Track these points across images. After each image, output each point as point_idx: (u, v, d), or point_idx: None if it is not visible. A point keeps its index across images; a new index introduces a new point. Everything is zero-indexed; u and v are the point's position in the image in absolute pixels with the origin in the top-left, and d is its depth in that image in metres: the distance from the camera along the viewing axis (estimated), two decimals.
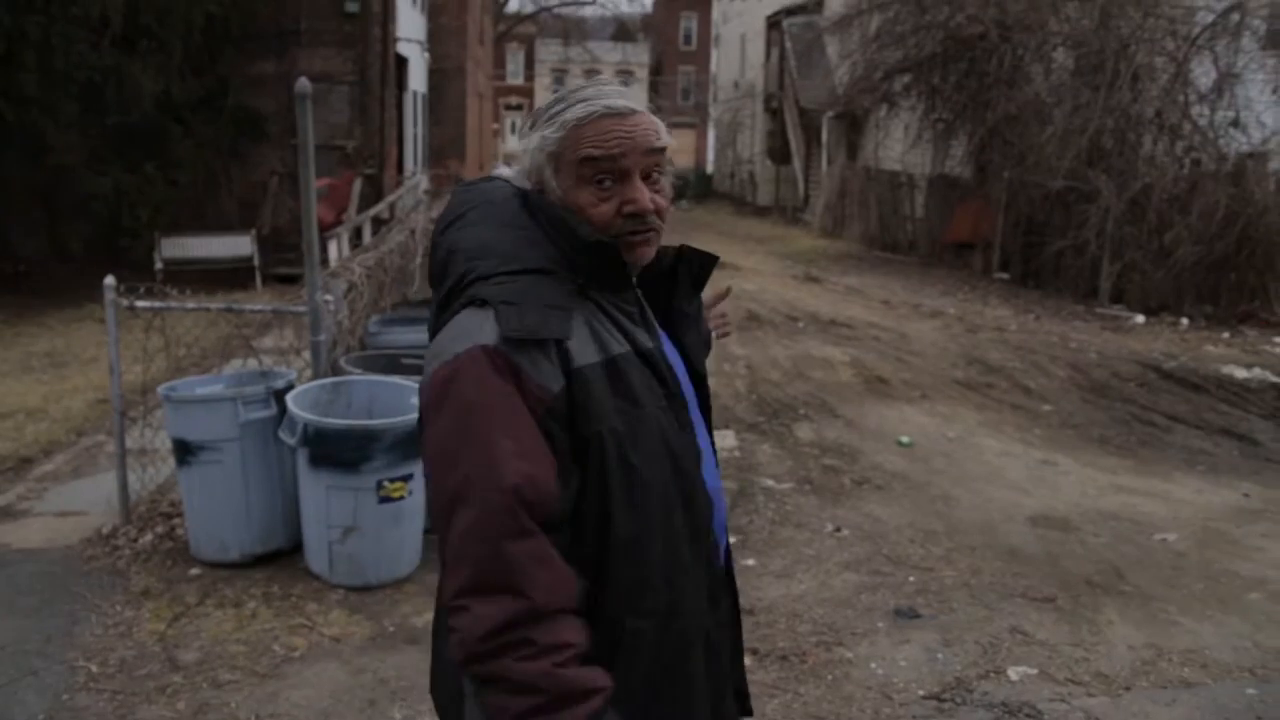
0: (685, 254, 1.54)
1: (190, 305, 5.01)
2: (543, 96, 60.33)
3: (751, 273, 16.31)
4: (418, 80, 19.62)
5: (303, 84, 4.07)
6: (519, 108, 53.63)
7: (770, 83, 30.85)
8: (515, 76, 53.37)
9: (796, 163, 28.51)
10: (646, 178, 1.40)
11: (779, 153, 29.81)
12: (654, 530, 1.33)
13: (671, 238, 1.53)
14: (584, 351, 1.32)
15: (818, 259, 18.42)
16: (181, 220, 13.47)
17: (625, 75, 53.80)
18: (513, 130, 53.15)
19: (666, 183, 1.43)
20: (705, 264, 1.56)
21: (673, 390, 1.40)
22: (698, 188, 38.85)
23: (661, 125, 1.42)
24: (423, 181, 17.21)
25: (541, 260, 1.35)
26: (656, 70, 54.01)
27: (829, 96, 22.59)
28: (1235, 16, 13.81)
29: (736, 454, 6.41)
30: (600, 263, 1.36)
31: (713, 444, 1.53)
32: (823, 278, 15.74)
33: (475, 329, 1.29)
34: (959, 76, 16.66)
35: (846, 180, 22.58)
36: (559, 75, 53.54)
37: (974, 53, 16.07)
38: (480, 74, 26.23)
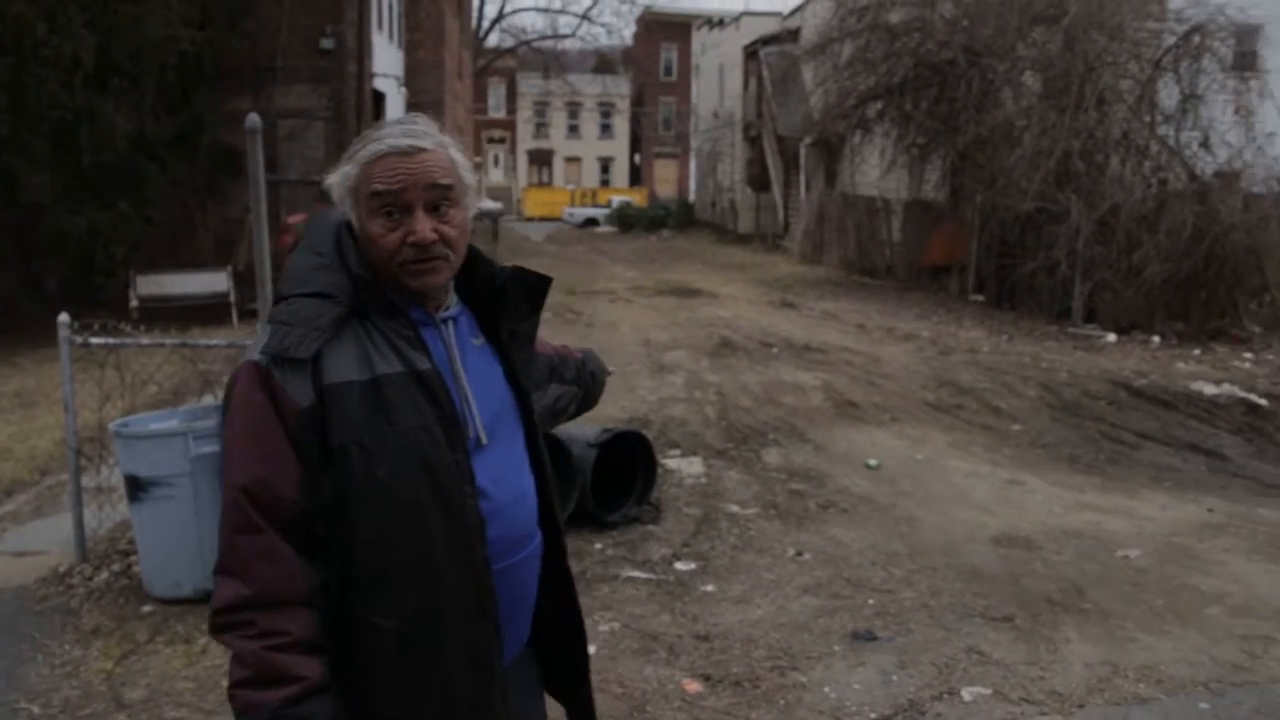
0: (517, 275, 1.65)
1: (145, 341, 4.99)
2: (524, 129, 60.19)
3: (728, 300, 16.34)
4: (395, 115, 19.71)
5: (252, 119, 4.10)
6: (501, 141, 53.91)
7: (749, 111, 31.12)
8: (497, 110, 53.64)
9: (776, 190, 28.70)
10: (434, 210, 1.51)
11: (758, 180, 30.02)
12: (398, 538, 1.43)
13: (650, 267, 1.57)
14: (343, 370, 1.45)
15: (795, 285, 18.47)
16: (157, 258, 13.45)
17: (606, 107, 54.19)
18: (495, 163, 53.40)
19: (459, 214, 1.54)
20: (539, 285, 1.67)
21: (446, 410, 1.49)
22: (680, 217, 39.03)
23: (457, 162, 1.54)
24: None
25: (326, 285, 1.49)
26: (638, 101, 54.41)
27: (805, 124, 22.80)
28: (1196, 39, 14.03)
29: (703, 481, 6.37)
30: (369, 293, 1.50)
31: (537, 456, 1.63)
32: (799, 303, 15.77)
33: (256, 344, 1.47)
34: (930, 102, 16.85)
35: (824, 206, 22.73)
36: (540, 108, 53.91)
37: (944, 78, 16.27)
38: (459, 108, 26.35)
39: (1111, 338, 12.41)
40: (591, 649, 4.06)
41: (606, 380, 2.15)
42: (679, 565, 4.96)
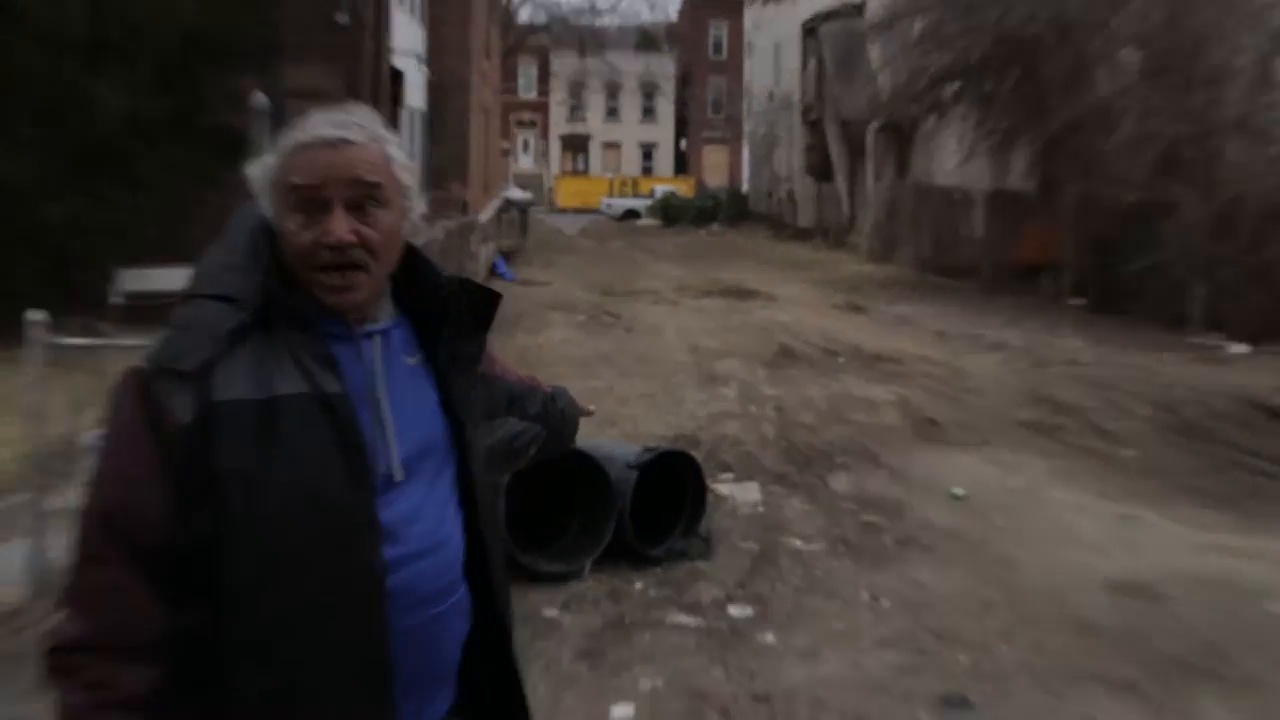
0: (462, 287, 1.63)
1: (127, 342, 4.81)
2: (558, 112, 60.97)
3: (787, 302, 16.19)
4: (415, 96, 19.78)
5: (259, 99, 3.89)
6: (532, 124, 54.28)
7: (808, 92, 30.88)
8: (527, 91, 54.01)
9: (840, 180, 28.41)
10: (358, 209, 1.49)
11: (820, 169, 29.77)
12: (275, 588, 1.38)
13: (698, 265, 1.34)
14: (235, 386, 1.41)
15: (863, 286, 18.30)
16: (147, 251, 13.48)
17: (649, 88, 54.32)
18: (525, 149, 53.76)
19: (387, 217, 1.51)
20: (487, 301, 1.66)
21: (351, 439, 1.45)
22: (731, 209, 38.97)
23: (394, 159, 1.53)
24: (419, 206, 17.43)
25: (231, 288, 1.47)
26: (684, 82, 54.47)
27: (872, 106, 22.50)
28: None
29: (760, 510, 6.19)
30: (276, 300, 1.47)
31: (470, 497, 1.59)
32: (868, 307, 15.64)
33: (147, 350, 1.45)
34: (1014, 82, 16.46)
35: (895, 198, 22.41)
36: (576, 89, 54.15)
37: (1029, 55, 15.87)
38: (486, 89, 26.40)
39: (1241, 348, 11.93)
40: (629, 710, 3.81)
41: (580, 422, 2.11)
42: (733, 610, 4.75)
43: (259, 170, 1.53)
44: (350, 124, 1.50)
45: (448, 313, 1.60)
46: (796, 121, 32.74)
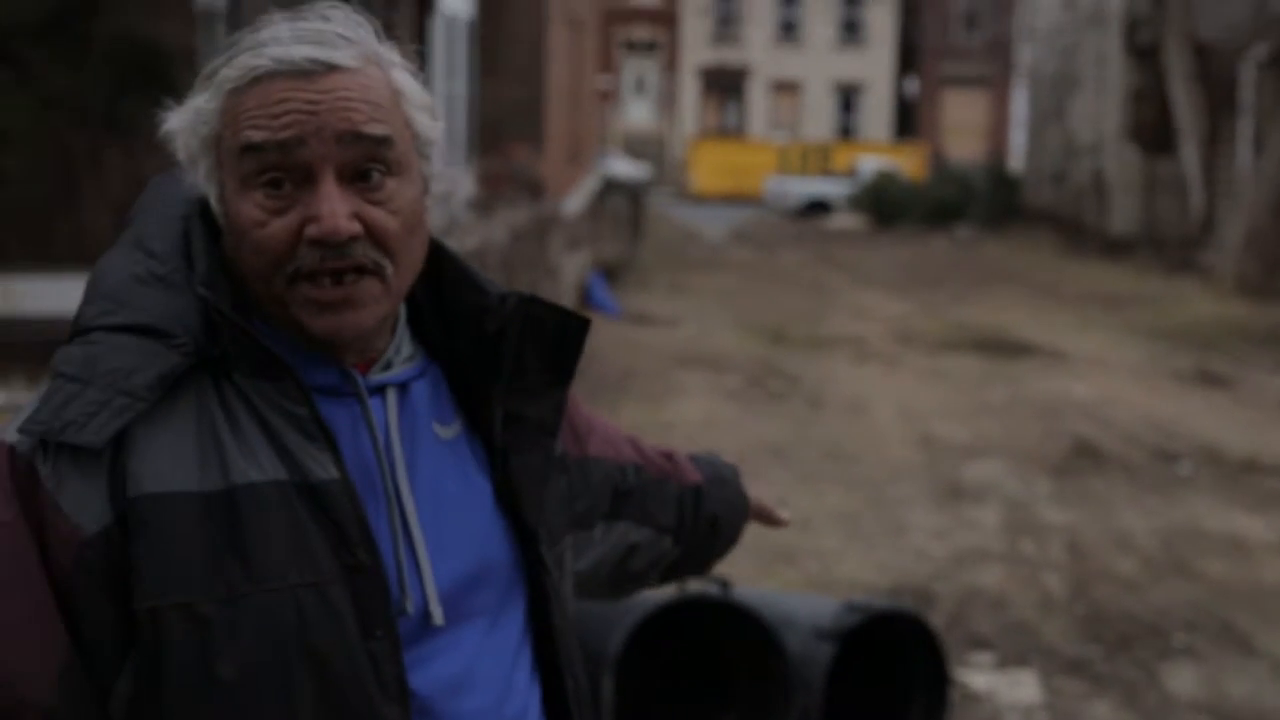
0: (531, 309, 1.68)
1: None
2: (695, 27, 61.43)
3: (1087, 366, 16.16)
4: None
5: None
6: (650, 48, 55.19)
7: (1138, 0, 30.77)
8: None
9: (1189, 151, 28.14)
10: (359, 179, 1.54)
11: (1152, 133, 29.53)
12: None
13: (932, 297, 1.56)
14: (170, 470, 1.47)
15: (1226, 340, 18.09)
16: (10, 245, 13.94)
17: None
18: (639, 90, 54.54)
19: (406, 191, 1.57)
20: (567, 332, 1.70)
21: (360, 557, 1.51)
22: (992, 202, 38.76)
23: (405, 94, 1.59)
24: (461, 184, 17.72)
25: (156, 312, 1.51)
26: None
27: (1256, 22, 22.36)
28: None
29: (1041, 716, 6.28)
30: (230, 333, 1.51)
31: (548, 648, 1.68)
32: (1235, 377, 15.49)
33: (21, 413, 1.50)
34: None
35: None
36: None
37: None
38: None
39: None
40: None
41: (745, 527, 2.25)
42: None
43: (185, 120, 1.58)
44: (332, 35, 1.54)
45: (503, 353, 1.66)
46: (1114, 49, 32.59)
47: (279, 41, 1.52)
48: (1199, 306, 21.41)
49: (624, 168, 35.44)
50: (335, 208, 1.49)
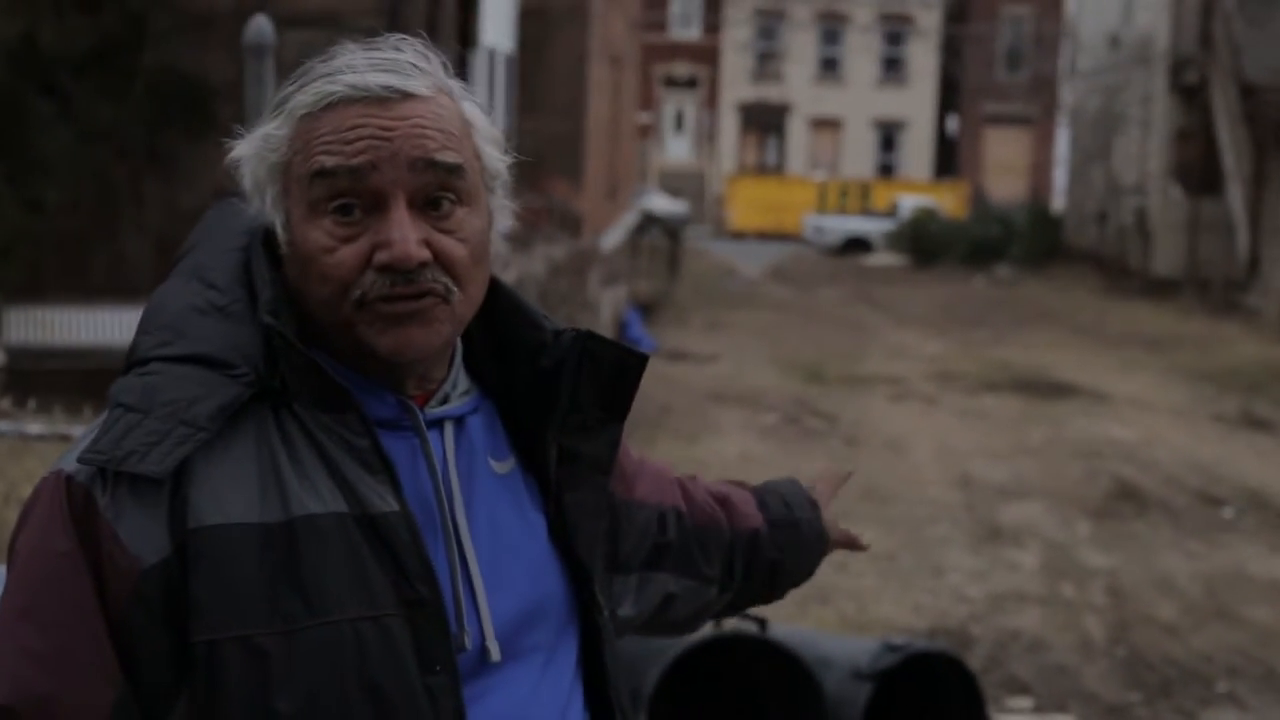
0: (588, 345, 1.69)
1: (30, 429, 5.28)
2: (735, 63, 61.06)
3: (1130, 408, 16.15)
4: (497, 29, 20.33)
5: (259, 27, 4.32)
6: (690, 85, 55.35)
7: (1183, 37, 30.74)
8: (686, 26, 55.22)
9: (1235, 193, 28.08)
10: (433, 207, 1.56)
11: (1198, 173, 29.50)
12: None
13: (971, 336, 1.55)
14: (231, 502, 1.47)
15: (1271, 384, 18.08)
16: (49, 275, 13.96)
17: (896, 25, 54.78)
18: (678, 126, 54.69)
19: (473, 221, 1.59)
20: (624, 368, 1.71)
21: (421, 591, 1.52)
22: (1034, 241, 38.66)
23: (475, 126, 1.62)
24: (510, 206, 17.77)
25: (217, 343, 1.52)
26: (957, 15, 54.81)
27: None
28: None
29: None
30: (293, 363, 1.53)
31: (601, 692, 1.70)
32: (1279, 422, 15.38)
33: (78, 443, 1.51)
34: None
35: None
36: (768, 23, 55.03)
37: None
38: (617, 18, 27.16)
39: None
40: None
41: (820, 562, 2.24)
42: None
43: (253, 147, 1.59)
44: (406, 64, 1.56)
45: (560, 389, 1.67)
46: (1159, 88, 32.56)
47: (354, 69, 1.53)
48: (1243, 349, 21.41)
49: (662, 203, 35.58)
50: (406, 234, 1.51)
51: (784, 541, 2.11)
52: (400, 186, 1.52)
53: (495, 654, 1.55)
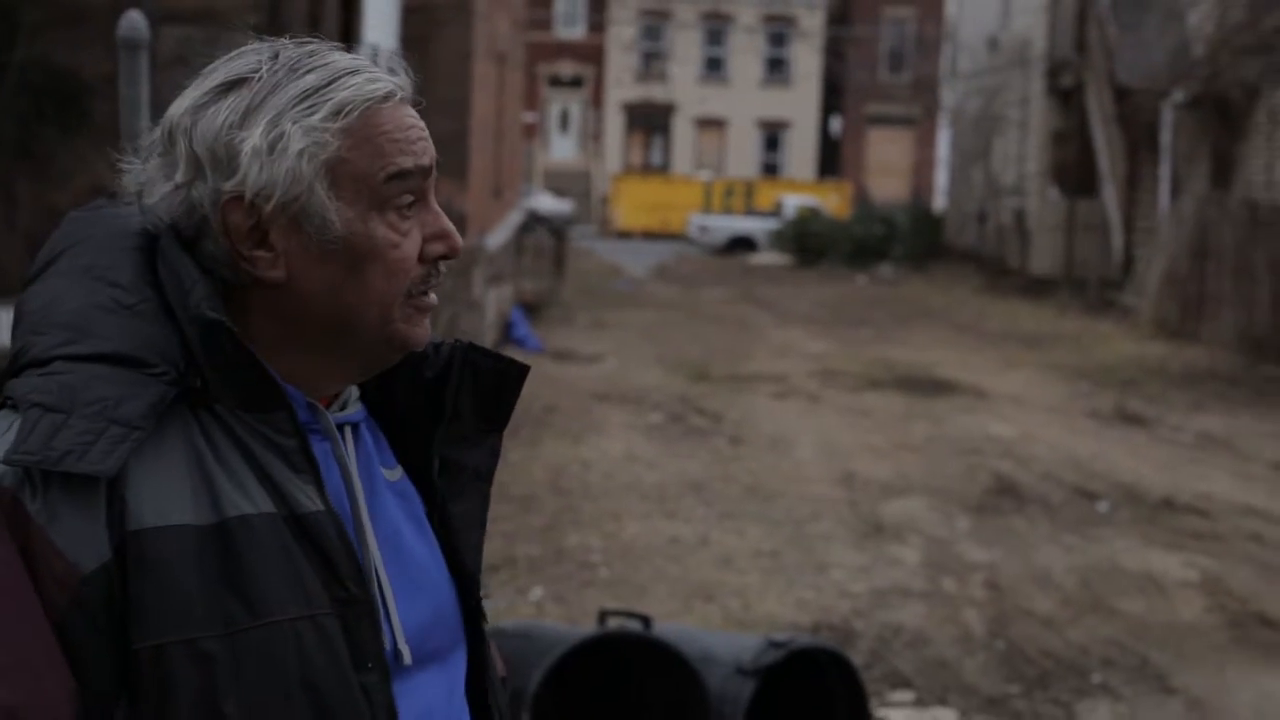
0: (470, 356, 1.72)
1: None
2: (620, 63, 60.80)
3: (1008, 404, 16.29)
4: (380, 26, 20.17)
5: (132, 22, 4.28)
6: (576, 84, 55.23)
7: (1060, 41, 31.20)
8: (570, 24, 55.17)
9: (1109, 193, 28.51)
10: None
11: (1074, 174, 29.92)
12: None
13: (855, 335, 1.58)
14: (167, 504, 1.46)
15: (1145, 380, 18.30)
16: None
17: (780, 24, 55.02)
18: (563, 126, 54.58)
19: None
20: (505, 379, 1.73)
21: (352, 590, 1.53)
22: (916, 241, 39.04)
23: None
24: None
25: (130, 342, 1.49)
26: (840, 17, 55.22)
27: (1176, 67, 22.63)
28: None
29: None
30: (226, 360, 1.51)
31: (483, 698, 1.73)
32: (1153, 417, 15.62)
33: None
34: None
35: (1208, 227, 22.39)
36: (652, 23, 55.09)
37: None
38: (504, 18, 27.08)
39: None
40: None
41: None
42: None
43: (295, 142, 1.52)
44: (402, 67, 1.66)
45: (444, 399, 1.69)
46: (1037, 91, 33.00)
47: (373, 69, 1.59)
48: (1118, 346, 21.63)
49: (548, 203, 35.50)
50: (451, 224, 1.62)
51: None
52: (431, 184, 1.61)
53: (407, 657, 1.57)
